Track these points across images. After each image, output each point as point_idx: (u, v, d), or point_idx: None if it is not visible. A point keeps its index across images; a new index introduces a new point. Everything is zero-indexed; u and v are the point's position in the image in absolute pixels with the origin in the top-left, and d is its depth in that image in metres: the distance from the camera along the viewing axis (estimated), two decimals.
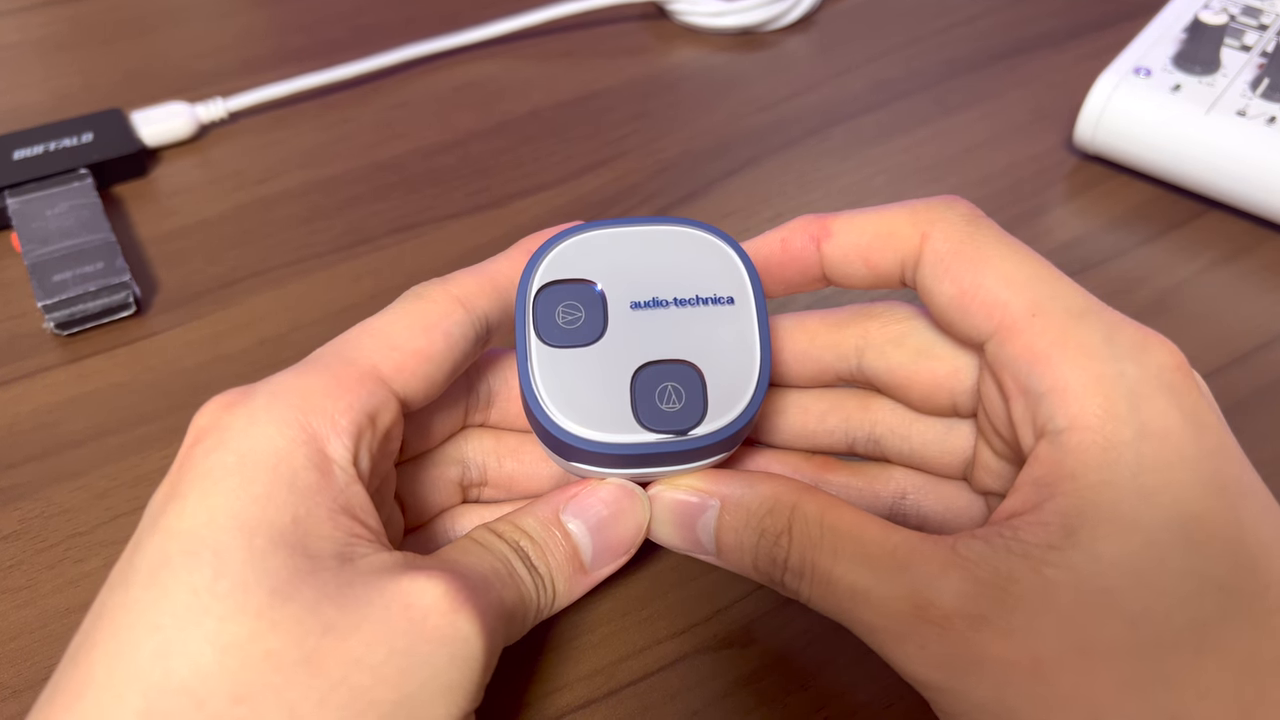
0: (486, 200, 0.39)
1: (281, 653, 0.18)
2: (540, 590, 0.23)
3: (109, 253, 0.34)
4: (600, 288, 0.23)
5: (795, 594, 0.22)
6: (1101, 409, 0.19)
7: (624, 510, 0.24)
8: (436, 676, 0.19)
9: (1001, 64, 0.45)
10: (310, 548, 0.19)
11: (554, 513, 0.23)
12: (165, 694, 0.18)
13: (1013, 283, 0.21)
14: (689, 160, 0.41)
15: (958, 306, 0.22)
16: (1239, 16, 0.41)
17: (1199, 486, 0.19)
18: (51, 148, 0.38)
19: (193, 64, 0.45)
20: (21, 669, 0.26)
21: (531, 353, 0.22)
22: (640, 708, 0.25)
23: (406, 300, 0.23)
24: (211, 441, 0.20)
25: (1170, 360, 0.20)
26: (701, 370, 0.22)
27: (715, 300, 0.23)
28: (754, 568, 0.23)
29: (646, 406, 0.22)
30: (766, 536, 0.22)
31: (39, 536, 0.29)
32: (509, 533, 0.23)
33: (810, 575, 0.21)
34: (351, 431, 0.21)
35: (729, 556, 0.23)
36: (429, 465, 0.26)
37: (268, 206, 0.39)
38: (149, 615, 0.18)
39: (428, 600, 0.19)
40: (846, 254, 0.24)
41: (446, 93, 0.44)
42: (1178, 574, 0.18)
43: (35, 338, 0.34)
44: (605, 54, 0.46)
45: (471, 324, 0.23)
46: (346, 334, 0.23)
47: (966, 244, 0.22)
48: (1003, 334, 0.21)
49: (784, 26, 0.47)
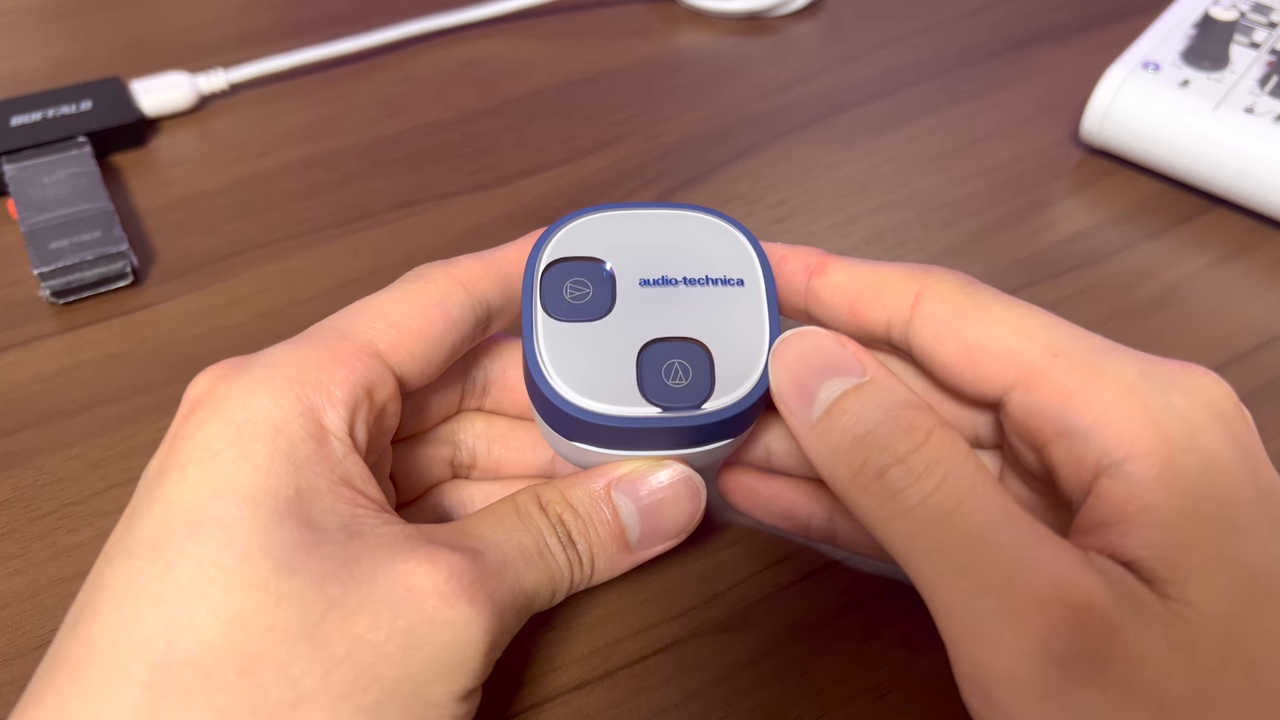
0: (488, 179, 0.39)
1: (286, 626, 0.18)
2: (575, 567, 0.22)
3: (106, 221, 0.34)
4: (609, 265, 0.23)
5: (891, 494, 0.19)
6: (1157, 436, 0.19)
7: (680, 495, 0.23)
8: (438, 656, 0.19)
9: (1010, 55, 0.45)
10: (314, 519, 0.19)
11: (606, 487, 0.23)
12: (170, 666, 0.18)
13: (1023, 331, 0.21)
14: (693, 144, 0.40)
15: (966, 363, 0.21)
16: (1249, 13, 0.41)
17: (1269, 527, 0.18)
18: (50, 115, 0.37)
19: (194, 34, 0.45)
20: (13, 637, 0.26)
21: (537, 325, 0.22)
22: (636, 690, 0.25)
23: (408, 280, 0.23)
24: (208, 413, 0.20)
25: (1219, 391, 0.20)
26: (710, 348, 0.22)
27: (725, 281, 0.23)
28: (856, 443, 0.20)
29: (652, 382, 0.22)
30: (899, 421, 0.19)
31: (32, 505, 0.28)
32: (554, 504, 0.22)
33: (933, 483, 0.19)
34: (347, 403, 0.21)
35: (839, 420, 0.20)
36: (423, 444, 0.26)
37: (267, 179, 0.38)
38: (153, 587, 0.18)
39: (430, 583, 0.19)
40: (834, 296, 0.23)
41: (450, 70, 0.44)
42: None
43: (31, 305, 0.34)
44: (611, 35, 0.46)
45: (473, 307, 0.23)
46: (345, 310, 0.22)
47: (966, 303, 0.21)
48: (1025, 382, 0.20)
49: (791, 12, 0.47)
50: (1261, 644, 0.17)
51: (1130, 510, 0.19)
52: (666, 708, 0.25)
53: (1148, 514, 0.18)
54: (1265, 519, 0.18)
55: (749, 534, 0.28)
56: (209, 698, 0.18)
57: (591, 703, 0.25)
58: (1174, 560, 0.18)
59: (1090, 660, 0.17)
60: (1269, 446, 0.31)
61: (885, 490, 0.19)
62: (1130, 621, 0.17)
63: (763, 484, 0.26)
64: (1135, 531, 0.18)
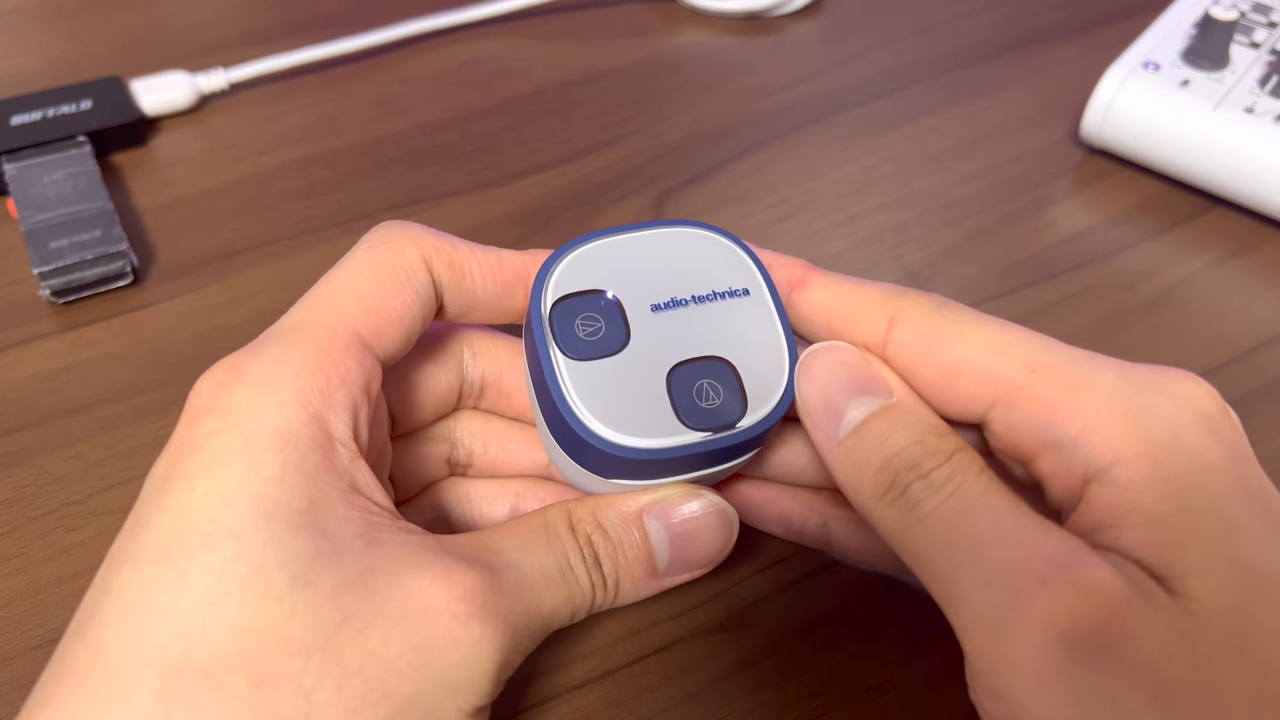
0: (488, 179, 0.39)
1: (300, 639, 0.18)
2: (599, 589, 0.22)
3: (106, 221, 0.34)
4: (613, 295, 0.23)
5: (910, 506, 0.20)
6: (1143, 440, 0.19)
7: (712, 525, 0.23)
8: (448, 675, 0.19)
9: (1010, 55, 0.45)
10: (329, 530, 0.19)
11: (638, 512, 0.23)
12: (183, 676, 0.18)
13: (999, 348, 0.21)
14: (693, 144, 0.40)
15: (944, 385, 0.21)
16: (1249, 13, 0.41)
17: (1261, 524, 0.18)
18: (50, 114, 0.37)
19: (194, 34, 0.45)
20: (13, 636, 0.26)
21: (561, 370, 0.22)
22: (636, 690, 0.25)
23: (374, 249, 0.22)
24: (214, 423, 0.20)
25: (1201, 392, 0.20)
26: (734, 364, 0.22)
27: (732, 293, 0.23)
28: (884, 464, 0.20)
29: (687, 406, 0.22)
30: (925, 445, 0.20)
31: (32, 504, 0.28)
32: (584, 524, 0.22)
33: (950, 490, 0.19)
34: (348, 406, 0.21)
35: (867, 440, 0.21)
36: (420, 442, 0.26)
37: (267, 179, 0.38)
38: (165, 596, 0.18)
39: (443, 602, 0.19)
40: (813, 311, 0.23)
41: (449, 69, 0.44)
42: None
43: (31, 305, 0.34)
44: (610, 35, 0.46)
45: (431, 284, 0.23)
46: (319, 293, 0.22)
47: (939, 324, 0.21)
48: (1006, 398, 0.20)
49: (791, 11, 0.47)
50: (1262, 640, 0.17)
51: (1122, 513, 0.19)
52: (666, 707, 0.25)
53: (1140, 515, 0.18)
54: (1256, 516, 0.18)
55: (749, 533, 0.28)
56: (222, 708, 0.18)
57: (591, 702, 0.25)
58: (1171, 557, 0.18)
59: (1095, 638, 0.17)
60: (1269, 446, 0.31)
61: (906, 504, 0.20)
62: (1138, 605, 0.17)
63: (758, 490, 0.26)
64: (1129, 533, 0.18)
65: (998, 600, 0.18)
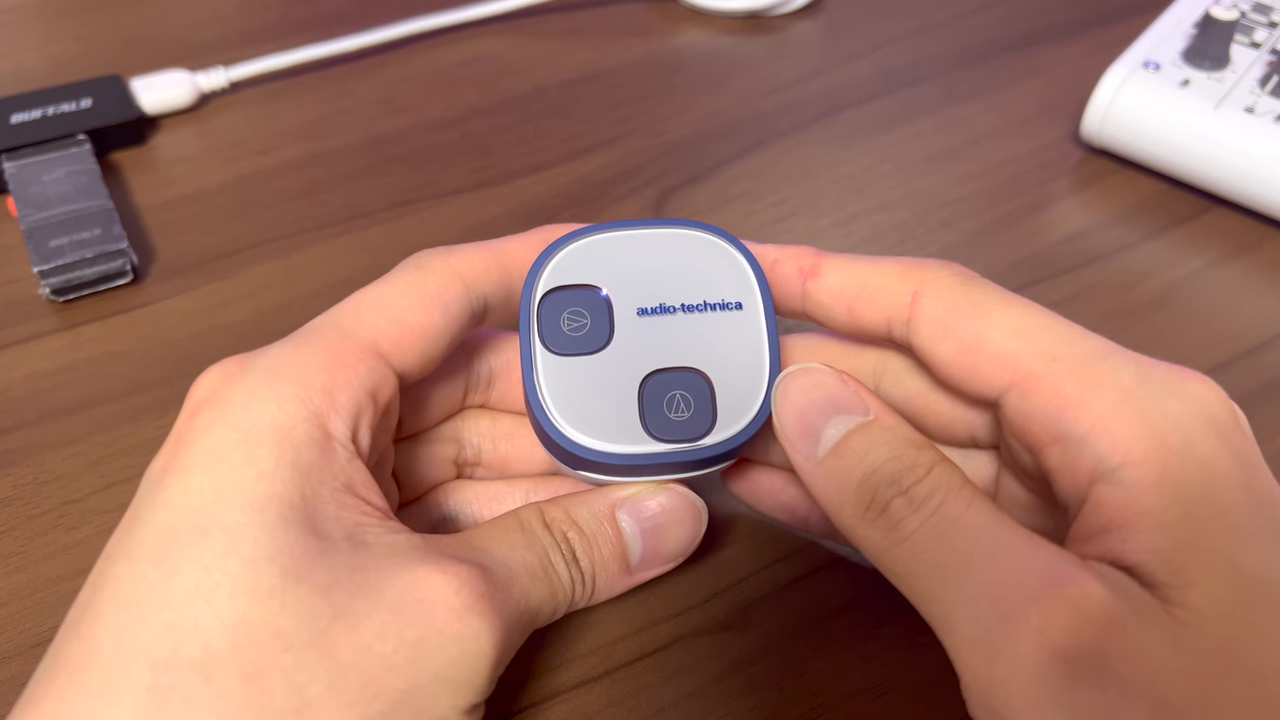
0: (488, 177, 0.39)
1: (292, 633, 0.18)
2: (577, 585, 0.22)
3: (106, 219, 0.34)
4: (606, 293, 0.23)
5: (893, 525, 0.19)
6: (1153, 442, 0.19)
7: (682, 519, 0.23)
8: (445, 670, 0.19)
9: (1010, 55, 0.45)
10: (320, 527, 0.19)
11: (610, 508, 0.23)
12: (174, 670, 0.18)
13: (1021, 333, 0.21)
14: (693, 143, 0.40)
15: (963, 365, 0.21)
16: (1249, 13, 0.41)
17: (1265, 533, 0.18)
18: (50, 112, 0.37)
19: (194, 32, 0.45)
20: (12, 635, 0.26)
21: (537, 361, 0.22)
22: (635, 689, 0.25)
23: (407, 270, 0.23)
24: (212, 416, 0.20)
25: (1214, 396, 0.20)
26: (710, 378, 0.22)
27: (724, 306, 0.23)
28: (862, 482, 0.20)
29: (655, 416, 0.22)
30: (903, 459, 0.20)
31: (31, 502, 0.28)
32: (559, 521, 0.22)
33: (932, 508, 0.19)
34: (351, 408, 0.20)
35: (846, 458, 0.20)
36: (426, 443, 0.26)
37: (267, 178, 0.38)
38: (157, 591, 0.18)
39: (440, 595, 0.19)
40: (830, 297, 0.23)
41: (450, 68, 0.44)
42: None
43: (30, 303, 0.34)
44: (611, 34, 0.46)
45: (469, 301, 0.23)
46: (344, 303, 0.22)
47: (963, 300, 0.21)
48: (1022, 385, 0.20)
49: (791, 11, 0.47)
50: (1263, 652, 0.17)
51: (1129, 516, 0.18)
52: (666, 706, 0.25)
53: (1147, 519, 0.18)
54: (1261, 525, 0.18)
55: (749, 532, 0.28)
56: (213, 702, 0.17)
57: (591, 701, 0.25)
58: (1177, 564, 0.18)
59: (1090, 657, 0.17)
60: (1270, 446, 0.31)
61: (887, 523, 0.19)
62: (1131, 619, 0.17)
63: (765, 477, 0.26)
64: (1135, 536, 0.18)
65: (988, 620, 0.18)
